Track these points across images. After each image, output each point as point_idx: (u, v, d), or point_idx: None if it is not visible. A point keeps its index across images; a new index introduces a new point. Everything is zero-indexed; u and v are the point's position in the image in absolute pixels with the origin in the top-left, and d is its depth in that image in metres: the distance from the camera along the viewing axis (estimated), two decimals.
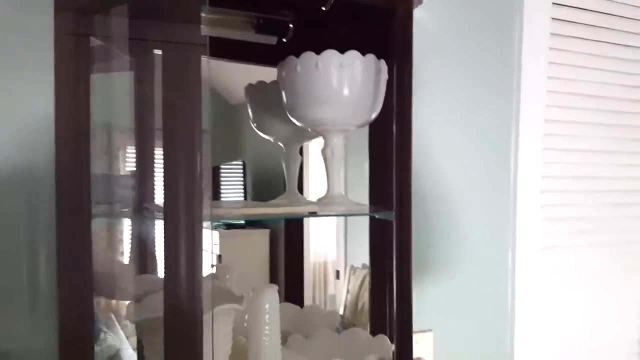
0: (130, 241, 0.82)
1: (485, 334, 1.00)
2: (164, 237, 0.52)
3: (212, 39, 0.80)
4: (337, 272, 0.97)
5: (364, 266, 0.93)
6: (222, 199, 0.89)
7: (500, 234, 1.01)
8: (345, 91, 0.62)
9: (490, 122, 1.00)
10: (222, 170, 0.89)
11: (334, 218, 0.97)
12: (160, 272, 0.75)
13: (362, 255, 0.92)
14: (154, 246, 0.77)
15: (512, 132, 1.01)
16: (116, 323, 0.79)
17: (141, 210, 0.77)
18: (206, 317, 0.56)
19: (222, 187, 0.91)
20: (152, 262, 0.77)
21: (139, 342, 0.64)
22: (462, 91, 0.98)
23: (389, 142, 0.67)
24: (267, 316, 0.63)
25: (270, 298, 0.63)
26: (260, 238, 0.90)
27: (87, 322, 0.63)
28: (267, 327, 0.63)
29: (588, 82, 1.07)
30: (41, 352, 0.68)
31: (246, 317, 0.67)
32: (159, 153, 0.75)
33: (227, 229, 0.88)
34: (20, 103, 0.69)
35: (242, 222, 0.91)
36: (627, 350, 1.17)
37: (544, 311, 1.06)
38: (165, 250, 0.52)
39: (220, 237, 0.87)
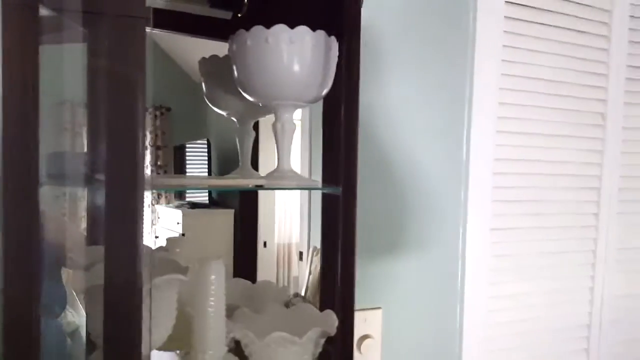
0: (83, 213, 0.81)
1: (434, 312, 1.03)
2: (106, 206, 0.52)
3: (168, 12, 0.79)
4: (300, 254, 0.98)
5: None
6: (187, 175, 0.89)
7: (451, 213, 1.03)
8: (295, 66, 0.63)
9: (443, 104, 1.02)
10: (187, 148, 0.88)
11: (298, 198, 0.98)
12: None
13: None
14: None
15: (465, 112, 1.03)
16: (77, 299, 0.78)
17: (93, 182, 0.76)
18: (147, 287, 0.56)
19: (187, 164, 0.90)
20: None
21: (85, 305, 0.63)
22: (416, 74, 0.99)
23: (339, 120, 0.68)
24: (212, 287, 0.63)
25: (216, 270, 0.64)
26: (224, 217, 0.90)
27: (32, 300, 0.62)
28: (212, 299, 0.64)
29: (542, 67, 1.10)
30: None
31: None
32: None
33: (191, 208, 0.88)
34: None
35: (207, 201, 0.91)
36: (576, 335, 1.21)
37: (493, 291, 1.10)
38: (106, 219, 0.52)
39: (184, 215, 0.87)
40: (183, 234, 0.88)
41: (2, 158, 0.62)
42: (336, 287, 0.71)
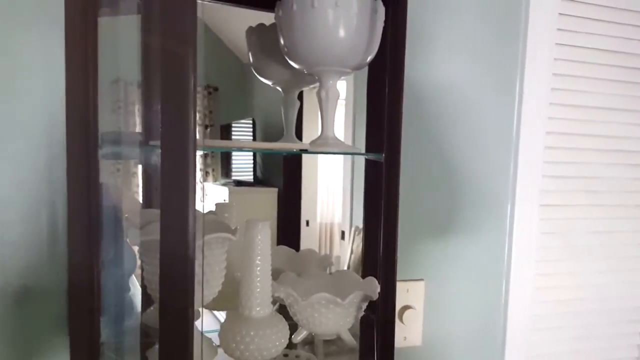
0: (142, 178, 0.86)
1: (478, 287, 1.01)
2: (161, 169, 0.55)
3: None
4: (342, 233, 0.99)
5: None
6: (232, 155, 0.92)
7: (500, 188, 1.01)
8: (341, 31, 0.63)
9: (492, 74, 0.99)
10: (233, 128, 0.91)
11: (341, 178, 0.99)
12: None
13: None
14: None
15: (517, 82, 1.00)
16: None
17: (147, 151, 0.80)
18: (199, 243, 0.59)
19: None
20: (157, 198, 0.81)
21: (141, 262, 0.68)
22: (465, 45, 0.96)
23: (384, 86, 0.68)
24: (259, 247, 0.66)
25: (262, 231, 0.66)
26: (268, 196, 0.92)
27: (92, 257, 0.67)
28: (258, 258, 0.66)
29: (598, 35, 1.04)
30: (55, 288, 0.73)
31: None
32: None
33: (237, 186, 0.91)
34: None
35: (251, 180, 0.93)
36: (627, 318, 1.17)
37: (541, 269, 1.07)
38: (161, 180, 0.55)
39: (230, 193, 0.90)
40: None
41: (67, 122, 0.68)
42: (378, 255, 0.72)
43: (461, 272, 1.00)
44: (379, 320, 0.73)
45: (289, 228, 0.93)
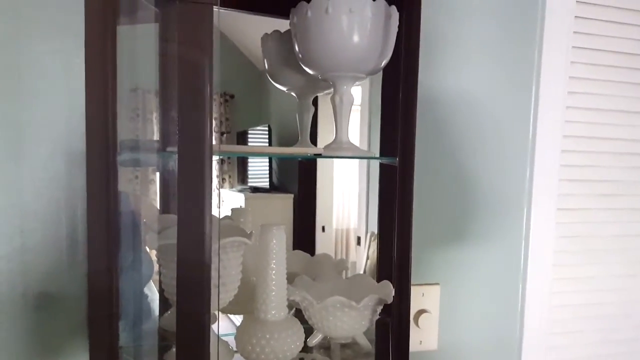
0: (155, 191, 0.88)
1: (494, 291, 1.01)
2: (178, 174, 0.56)
3: None
4: (358, 239, 0.99)
5: None
6: (249, 162, 0.93)
7: (516, 192, 1.00)
8: (355, 36, 0.64)
9: (509, 77, 0.98)
10: (249, 134, 0.92)
11: (356, 184, 0.99)
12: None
13: None
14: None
15: (533, 86, 0.99)
16: None
17: (165, 158, 0.82)
18: (215, 247, 0.60)
19: None
20: (175, 203, 0.83)
21: (159, 266, 0.69)
22: (481, 47, 0.96)
23: (398, 91, 0.68)
24: (274, 251, 0.67)
25: (277, 236, 0.67)
26: (284, 202, 0.93)
27: (111, 263, 0.69)
28: (273, 262, 0.67)
29: (615, 38, 1.03)
30: (77, 294, 0.75)
31: None
32: None
33: (253, 192, 0.92)
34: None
35: (267, 186, 0.94)
36: None
37: (558, 273, 1.05)
38: (179, 186, 0.56)
39: (246, 199, 0.91)
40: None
41: (87, 131, 0.69)
42: (393, 258, 0.72)
43: (477, 276, 0.99)
44: (393, 324, 0.73)
45: (304, 233, 0.93)
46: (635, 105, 1.07)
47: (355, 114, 0.73)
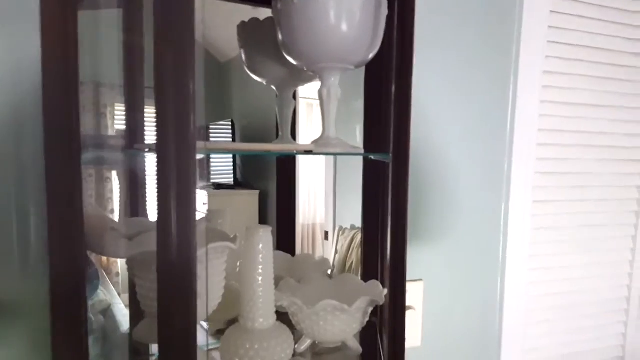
0: (121, 185, 0.81)
1: (475, 284, 1.01)
2: (157, 171, 0.51)
3: None
4: (326, 233, 0.96)
5: (352, 227, 0.93)
6: (210, 157, 0.88)
7: (494, 186, 1.01)
8: (343, 25, 0.60)
9: (487, 73, 0.98)
10: (211, 129, 0.87)
11: (323, 178, 0.96)
12: (151, 216, 0.75)
13: (350, 217, 0.92)
14: (145, 189, 0.76)
15: (510, 82, 0.99)
16: (107, 280, 0.78)
17: (132, 151, 0.75)
18: (199, 254, 0.55)
19: None
20: (143, 206, 0.76)
21: (130, 280, 0.63)
22: (456, 40, 0.95)
23: (386, 83, 0.65)
24: (260, 256, 0.62)
25: (264, 238, 0.63)
26: (249, 199, 0.89)
27: (78, 270, 0.62)
28: (260, 267, 0.63)
29: (589, 34, 1.05)
30: (34, 301, 0.67)
31: (238, 263, 0.67)
32: (149, 88, 0.73)
33: (216, 189, 0.88)
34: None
35: (231, 182, 0.90)
36: (614, 308, 1.19)
37: (534, 263, 1.07)
38: (158, 184, 0.51)
39: (209, 196, 0.86)
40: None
41: (44, 124, 0.62)
42: (384, 258, 0.70)
43: (458, 270, 0.99)
44: (383, 323, 0.70)
45: (276, 231, 0.90)
46: (606, 99, 1.10)
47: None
